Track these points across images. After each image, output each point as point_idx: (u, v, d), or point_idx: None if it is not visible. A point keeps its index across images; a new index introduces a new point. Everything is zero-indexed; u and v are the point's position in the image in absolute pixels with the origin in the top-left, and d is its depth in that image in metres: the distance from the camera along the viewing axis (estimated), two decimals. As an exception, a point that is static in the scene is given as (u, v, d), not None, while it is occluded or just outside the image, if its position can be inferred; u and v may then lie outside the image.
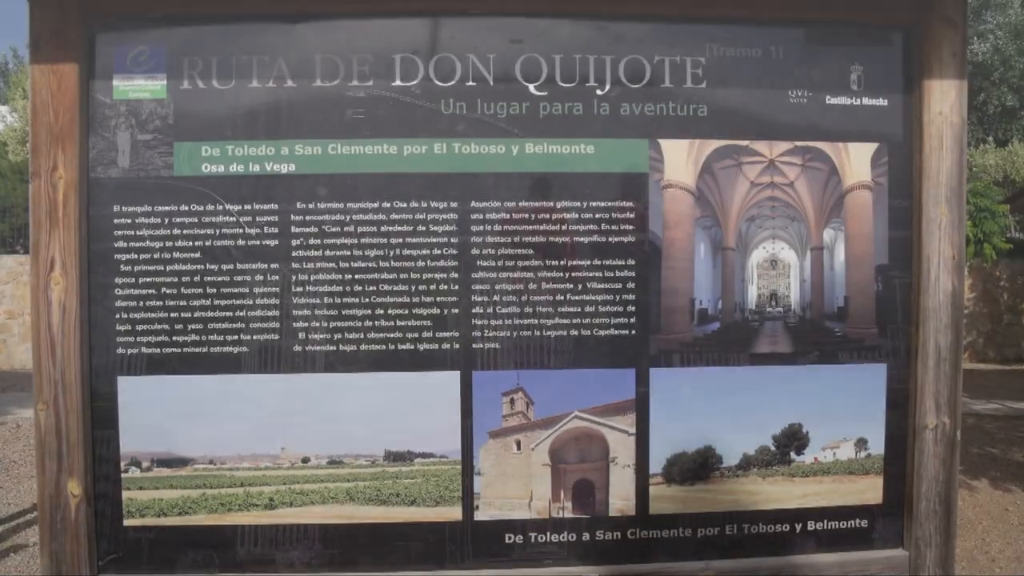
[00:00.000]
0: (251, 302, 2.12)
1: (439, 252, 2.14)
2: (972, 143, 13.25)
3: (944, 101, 2.18)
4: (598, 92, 2.17)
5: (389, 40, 2.14)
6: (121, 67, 2.11)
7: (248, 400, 2.13)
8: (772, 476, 2.22)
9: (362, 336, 2.13)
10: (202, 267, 2.11)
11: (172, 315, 2.11)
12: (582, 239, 2.16)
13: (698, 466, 2.20)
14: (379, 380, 2.14)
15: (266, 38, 2.12)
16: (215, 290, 2.11)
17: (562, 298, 2.16)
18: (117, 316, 2.11)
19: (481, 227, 2.14)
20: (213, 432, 2.14)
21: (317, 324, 2.13)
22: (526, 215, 2.15)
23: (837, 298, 2.23)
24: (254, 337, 2.12)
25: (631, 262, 2.17)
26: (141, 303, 2.11)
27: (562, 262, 2.15)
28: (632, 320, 2.18)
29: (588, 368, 2.17)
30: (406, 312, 2.14)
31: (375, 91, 2.13)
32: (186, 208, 2.11)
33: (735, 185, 2.21)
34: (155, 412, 2.12)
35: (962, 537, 3.64)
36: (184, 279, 2.11)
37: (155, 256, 2.11)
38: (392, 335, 2.14)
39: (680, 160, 2.18)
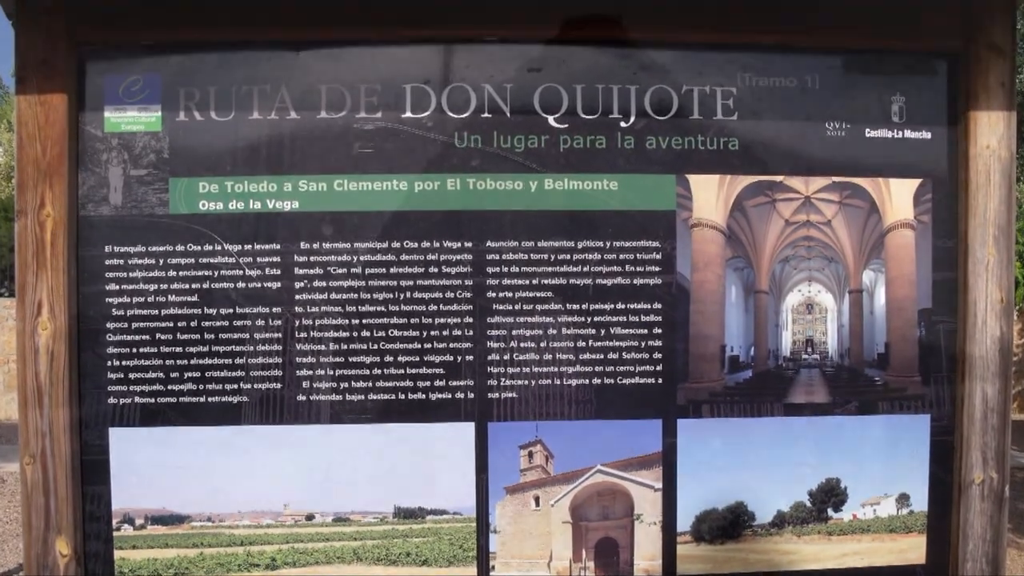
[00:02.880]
0: (252, 348, 1.99)
1: (452, 295, 2.01)
2: (1021, 178, 12.89)
3: (992, 134, 2.05)
4: (622, 124, 2.03)
5: (399, 69, 2.00)
6: (113, 98, 1.97)
7: (248, 453, 2.00)
8: (808, 534, 2.08)
9: (370, 385, 2.00)
10: (199, 311, 1.98)
11: (167, 362, 1.98)
12: (605, 281, 2.03)
13: (729, 523, 2.07)
14: (388, 432, 2.01)
15: (268, 67, 1.99)
16: (213, 336, 1.98)
17: (584, 344, 2.03)
18: (109, 363, 1.97)
19: (497, 268, 2.01)
20: (211, 487, 2.00)
21: (322, 372, 1.99)
22: (545, 255, 2.02)
23: (877, 344, 2.09)
24: (255, 386, 1.99)
25: (657, 306, 2.04)
26: (134, 350, 1.97)
27: (584, 306, 2.02)
28: (658, 368, 2.04)
29: (611, 419, 2.04)
30: (417, 359, 2.00)
31: (384, 123, 2.00)
32: (182, 248, 1.98)
33: (768, 223, 2.07)
34: (149, 466, 1.99)
35: (1010, 601, 3.47)
36: (180, 324, 1.98)
37: (149, 300, 1.97)
38: (402, 384, 2.00)
39: (710, 197, 2.05)
